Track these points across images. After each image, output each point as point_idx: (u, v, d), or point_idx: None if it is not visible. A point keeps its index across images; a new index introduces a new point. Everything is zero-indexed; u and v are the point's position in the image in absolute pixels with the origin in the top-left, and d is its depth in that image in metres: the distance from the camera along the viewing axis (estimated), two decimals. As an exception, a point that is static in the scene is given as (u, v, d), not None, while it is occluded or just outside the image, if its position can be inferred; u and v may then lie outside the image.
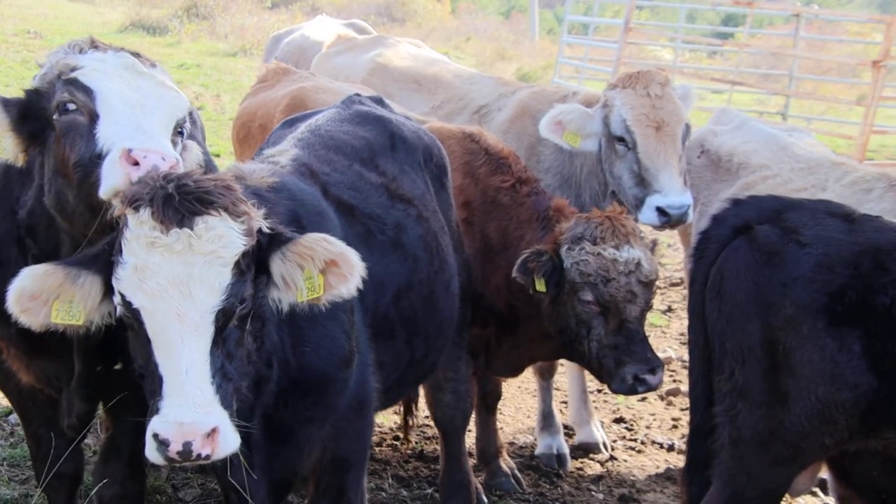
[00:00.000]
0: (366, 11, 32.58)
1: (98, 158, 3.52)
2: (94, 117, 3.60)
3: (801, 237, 4.30)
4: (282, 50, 10.76)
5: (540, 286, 5.36)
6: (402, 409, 6.49)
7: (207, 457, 3.23)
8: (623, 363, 5.29)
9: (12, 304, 3.33)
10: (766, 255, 4.32)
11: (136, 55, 3.85)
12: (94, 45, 3.87)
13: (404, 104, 7.18)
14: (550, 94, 7.22)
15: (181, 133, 3.83)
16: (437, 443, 6.56)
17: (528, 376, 7.71)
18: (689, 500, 4.76)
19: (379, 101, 5.58)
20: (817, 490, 6.38)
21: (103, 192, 3.47)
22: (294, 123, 5.19)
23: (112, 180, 3.45)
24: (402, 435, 6.70)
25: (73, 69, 3.71)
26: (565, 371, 7.54)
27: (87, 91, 3.64)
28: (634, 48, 21.35)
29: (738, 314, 4.38)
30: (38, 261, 3.82)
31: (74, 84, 3.66)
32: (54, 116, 3.66)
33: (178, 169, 3.49)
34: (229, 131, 10.31)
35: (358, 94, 5.55)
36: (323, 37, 10.17)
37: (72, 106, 3.62)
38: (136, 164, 3.43)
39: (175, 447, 3.19)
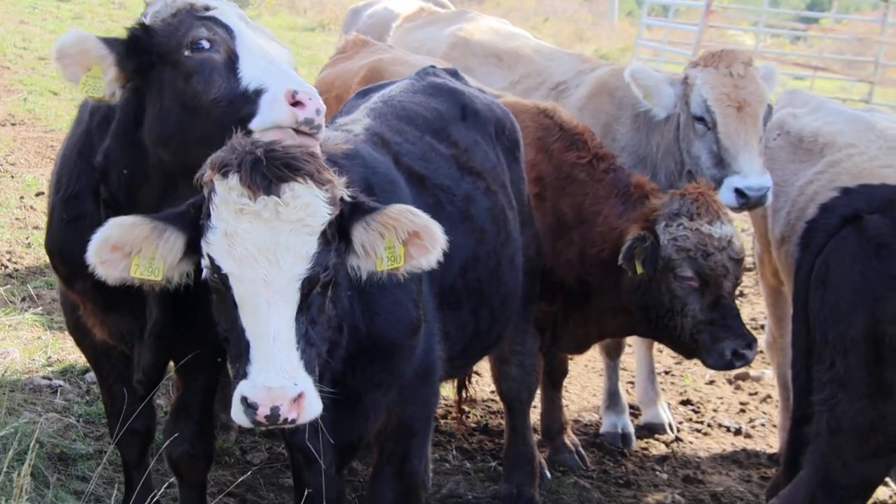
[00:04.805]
0: (444, -11, 32.46)
1: (244, 96, 3.56)
2: (233, 57, 3.64)
3: None
4: (364, 22, 10.75)
5: (639, 268, 5.38)
6: (455, 385, 6.51)
7: (294, 421, 3.29)
8: (720, 339, 5.32)
9: (92, 254, 3.37)
10: (876, 246, 4.23)
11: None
12: None
13: (484, 79, 7.15)
14: (630, 71, 7.14)
15: None
16: (501, 417, 6.57)
17: (595, 355, 7.70)
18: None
19: (453, 74, 5.58)
20: (888, 480, 6.26)
21: (258, 125, 3.52)
22: (367, 94, 5.21)
23: (274, 117, 3.50)
24: (460, 409, 6.70)
25: (207, 8, 3.75)
26: (632, 351, 7.51)
27: (229, 30, 3.69)
28: (715, 32, 20.78)
29: (842, 305, 4.31)
30: (108, 206, 3.90)
31: (215, 21, 3.70)
32: (185, 53, 3.65)
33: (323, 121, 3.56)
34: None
35: (432, 66, 5.55)
36: (405, 10, 10.13)
37: (206, 44, 3.65)
38: (299, 104, 3.48)
39: (263, 411, 3.25)
